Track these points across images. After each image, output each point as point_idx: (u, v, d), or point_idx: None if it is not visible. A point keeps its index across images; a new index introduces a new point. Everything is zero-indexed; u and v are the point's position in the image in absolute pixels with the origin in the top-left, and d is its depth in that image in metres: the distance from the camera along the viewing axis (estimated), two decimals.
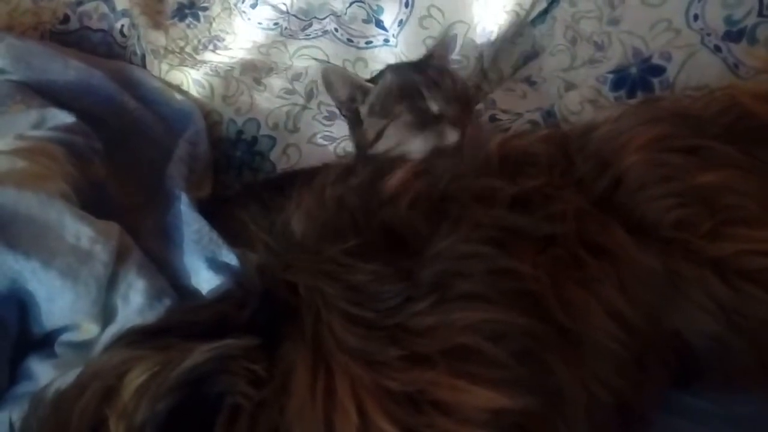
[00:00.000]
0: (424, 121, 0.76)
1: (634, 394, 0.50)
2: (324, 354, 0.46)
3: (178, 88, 1.01)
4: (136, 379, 0.44)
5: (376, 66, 1.05)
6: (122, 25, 1.13)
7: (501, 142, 0.62)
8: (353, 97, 0.82)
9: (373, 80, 0.85)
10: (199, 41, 1.13)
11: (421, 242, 0.52)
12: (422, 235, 0.53)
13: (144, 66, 1.07)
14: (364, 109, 0.81)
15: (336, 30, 1.08)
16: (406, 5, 1.02)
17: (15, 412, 0.57)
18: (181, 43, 1.11)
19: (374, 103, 0.80)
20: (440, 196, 0.56)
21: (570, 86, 0.89)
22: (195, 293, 0.68)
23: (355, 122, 0.82)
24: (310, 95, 1.02)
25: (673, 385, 0.54)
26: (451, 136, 0.74)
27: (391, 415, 0.43)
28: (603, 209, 0.56)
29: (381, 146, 0.79)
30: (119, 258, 0.66)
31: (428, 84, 0.77)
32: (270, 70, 1.06)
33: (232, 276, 0.63)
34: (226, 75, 1.03)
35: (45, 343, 0.65)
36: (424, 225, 0.53)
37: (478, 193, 0.55)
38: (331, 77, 0.81)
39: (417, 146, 0.75)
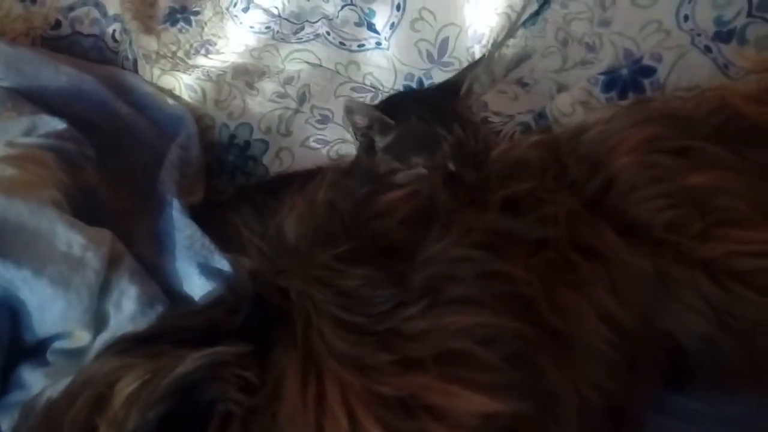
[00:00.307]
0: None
1: (626, 395, 0.50)
2: (314, 360, 0.46)
3: (170, 93, 1.01)
4: (126, 387, 0.44)
5: (369, 69, 1.05)
6: (114, 30, 1.13)
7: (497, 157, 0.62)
8: (371, 127, 0.78)
9: (390, 103, 0.84)
10: (191, 46, 1.12)
11: (413, 247, 0.52)
12: (413, 240, 0.53)
13: (136, 71, 1.06)
14: (380, 143, 0.78)
15: (328, 33, 1.08)
16: (398, 8, 1.02)
17: (6, 421, 0.57)
18: (173, 48, 1.11)
19: (392, 144, 0.77)
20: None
21: (561, 88, 0.89)
22: (187, 299, 0.68)
23: (367, 148, 0.80)
24: (302, 99, 1.02)
25: (665, 386, 0.54)
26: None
27: (382, 420, 0.43)
28: (594, 211, 0.56)
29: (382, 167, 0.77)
30: (111, 265, 0.66)
31: (452, 144, 0.73)
32: (262, 74, 1.06)
33: (224, 281, 0.63)
34: (218, 79, 1.03)
35: (37, 351, 0.64)
36: (414, 232, 0.53)
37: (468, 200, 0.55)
38: (353, 107, 0.79)
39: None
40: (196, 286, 0.68)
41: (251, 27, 1.14)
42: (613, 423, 0.50)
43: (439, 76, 1.01)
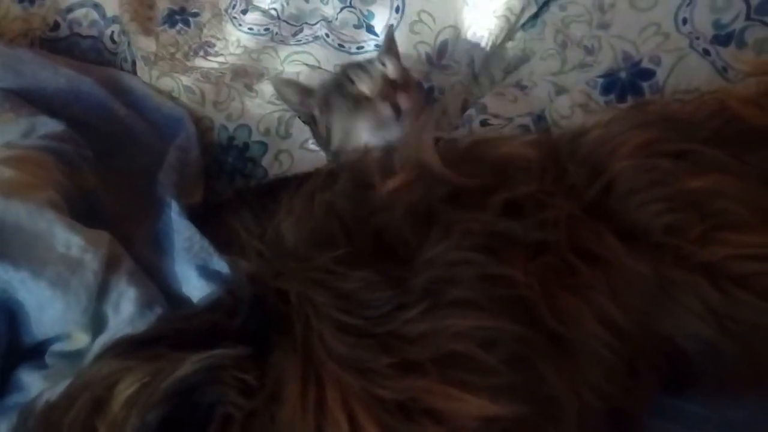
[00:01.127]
0: (357, 104, 0.80)
1: (626, 399, 0.50)
2: (314, 362, 0.46)
3: (169, 95, 1.01)
4: (125, 390, 0.44)
5: None
6: (112, 32, 1.13)
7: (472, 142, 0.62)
8: (304, 102, 0.86)
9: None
10: (189, 47, 1.12)
11: (412, 249, 0.52)
12: (413, 243, 0.52)
13: (134, 72, 1.06)
14: (316, 111, 0.86)
15: (327, 35, 1.08)
16: (397, 10, 1.02)
17: (4, 424, 0.57)
18: (172, 50, 1.10)
19: (318, 101, 0.85)
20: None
21: (560, 90, 0.89)
22: (186, 301, 0.68)
23: (311, 125, 0.85)
24: None
25: (666, 390, 0.54)
26: (385, 110, 0.78)
27: (382, 423, 0.43)
28: (594, 215, 0.56)
29: (335, 140, 0.83)
30: (110, 267, 0.65)
31: (355, 70, 0.81)
32: (261, 75, 1.06)
33: (223, 284, 0.63)
34: (217, 81, 1.02)
35: (35, 353, 0.64)
36: (415, 232, 0.53)
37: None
38: (281, 88, 0.84)
39: (360, 130, 0.80)
40: (195, 289, 0.68)
41: (250, 29, 1.14)
42: (614, 427, 0.50)
43: (438, 79, 1.02)
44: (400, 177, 0.58)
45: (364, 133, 0.79)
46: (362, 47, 1.06)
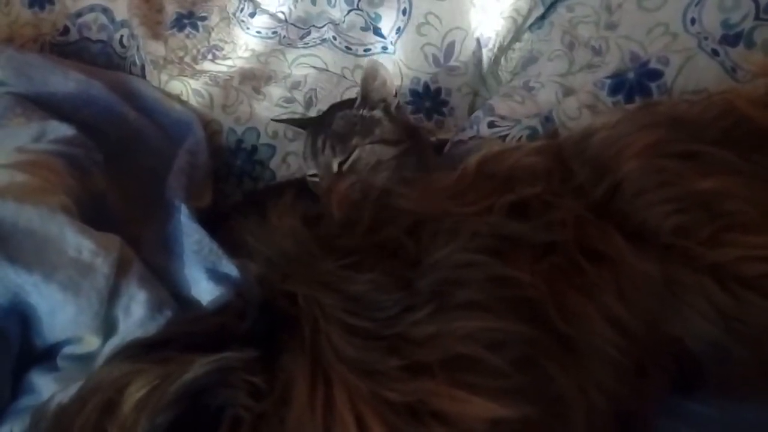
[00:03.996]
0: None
1: (634, 400, 0.50)
2: (323, 365, 0.46)
3: (178, 98, 1.02)
4: (136, 392, 0.44)
5: None
6: (121, 36, 1.14)
7: (480, 160, 0.62)
8: None
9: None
10: (198, 51, 1.13)
11: (419, 252, 0.52)
12: (420, 245, 0.53)
13: (143, 76, 1.07)
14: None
15: (334, 38, 1.08)
16: (404, 13, 1.02)
17: (17, 426, 0.57)
18: (181, 53, 1.11)
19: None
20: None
21: (568, 91, 0.88)
22: (195, 304, 0.68)
23: None
24: (309, 103, 1.02)
25: (675, 391, 0.54)
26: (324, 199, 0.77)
27: (390, 425, 0.43)
28: (601, 216, 0.56)
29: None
30: (120, 270, 0.66)
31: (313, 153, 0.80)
32: (269, 78, 1.07)
33: (231, 287, 0.63)
34: (225, 84, 1.03)
35: (47, 356, 0.65)
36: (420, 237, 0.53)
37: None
38: None
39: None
40: (204, 292, 0.69)
41: (258, 32, 1.14)
42: (622, 427, 0.50)
43: (445, 80, 1.02)
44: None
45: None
46: (369, 49, 1.07)
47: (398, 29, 1.03)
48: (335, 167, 0.77)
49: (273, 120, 0.97)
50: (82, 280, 0.63)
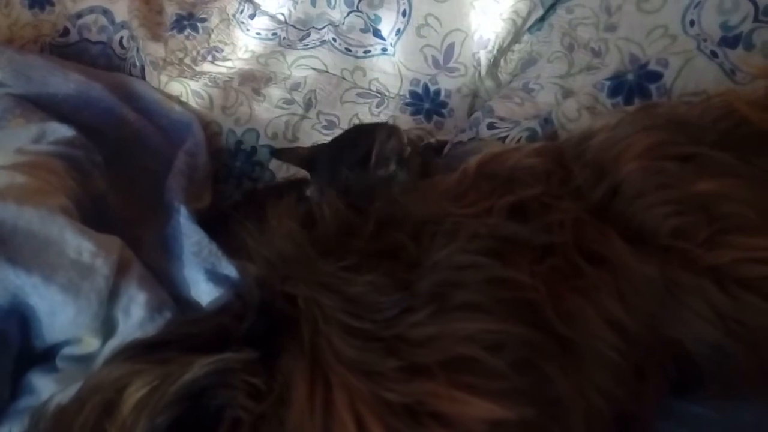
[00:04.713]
0: None
1: (633, 402, 0.50)
2: (322, 366, 0.46)
3: (178, 100, 1.02)
4: (135, 393, 0.44)
5: (375, 75, 1.06)
6: (121, 37, 1.14)
7: (481, 161, 0.62)
8: None
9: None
10: (198, 52, 1.13)
11: (419, 253, 0.52)
12: (419, 247, 0.53)
13: (143, 78, 1.07)
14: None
15: (334, 40, 1.08)
16: (404, 14, 1.02)
17: (16, 427, 0.57)
18: (180, 55, 1.11)
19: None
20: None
21: (567, 93, 0.89)
22: (194, 305, 0.68)
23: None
24: (308, 105, 1.02)
25: (674, 393, 0.54)
26: None
27: (390, 426, 0.43)
28: (601, 217, 0.56)
29: None
30: (120, 271, 0.66)
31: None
32: (269, 80, 1.07)
33: (231, 288, 0.63)
34: (225, 86, 1.03)
35: (46, 357, 0.65)
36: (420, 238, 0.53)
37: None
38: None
39: None
40: (204, 293, 0.69)
41: (258, 33, 1.14)
42: (621, 429, 0.50)
43: (444, 82, 1.02)
44: None
45: None
46: (369, 51, 1.07)
47: (398, 31, 1.03)
48: None
49: (273, 157, 0.96)
50: (82, 281, 0.63)
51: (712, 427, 0.52)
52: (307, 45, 1.10)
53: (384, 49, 1.06)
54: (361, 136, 0.80)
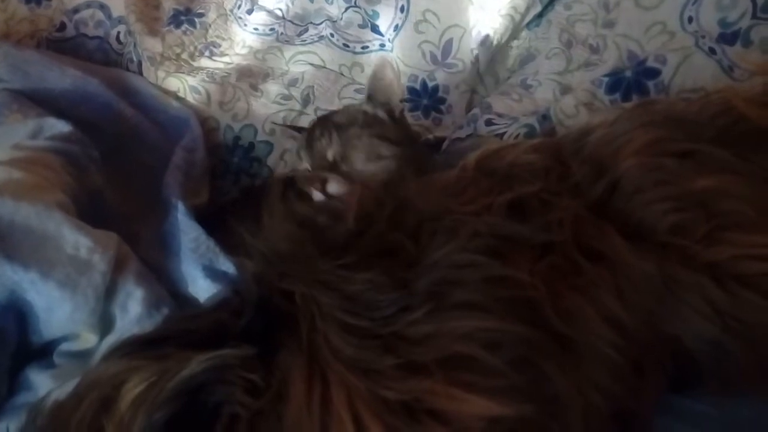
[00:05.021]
0: None
1: (632, 399, 0.50)
2: (320, 363, 0.46)
3: (175, 95, 1.01)
4: (133, 389, 0.44)
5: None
6: (118, 32, 1.13)
7: (479, 157, 0.62)
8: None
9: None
10: (195, 48, 1.13)
11: (417, 251, 0.52)
12: (418, 245, 0.53)
13: (140, 73, 1.07)
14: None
15: (332, 35, 1.08)
16: (402, 10, 1.02)
17: (13, 423, 0.57)
18: (178, 50, 1.11)
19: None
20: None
21: (565, 89, 0.88)
22: (192, 301, 0.68)
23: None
24: (306, 100, 1.02)
25: (673, 390, 0.54)
26: (315, 194, 0.73)
27: (387, 424, 0.43)
28: (599, 214, 0.56)
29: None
30: (117, 267, 0.66)
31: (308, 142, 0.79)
32: (266, 75, 1.06)
33: (229, 284, 0.63)
34: (222, 81, 1.03)
35: (44, 353, 0.65)
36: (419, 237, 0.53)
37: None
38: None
39: None
40: (201, 289, 0.69)
41: (255, 29, 1.14)
42: (620, 426, 0.50)
43: (442, 78, 1.02)
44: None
45: None
46: (367, 47, 1.07)
47: (396, 26, 1.03)
48: (330, 156, 0.75)
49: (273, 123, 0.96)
50: (80, 277, 0.63)
51: (710, 423, 0.52)
52: (305, 40, 1.10)
53: (382, 45, 1.05)
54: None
